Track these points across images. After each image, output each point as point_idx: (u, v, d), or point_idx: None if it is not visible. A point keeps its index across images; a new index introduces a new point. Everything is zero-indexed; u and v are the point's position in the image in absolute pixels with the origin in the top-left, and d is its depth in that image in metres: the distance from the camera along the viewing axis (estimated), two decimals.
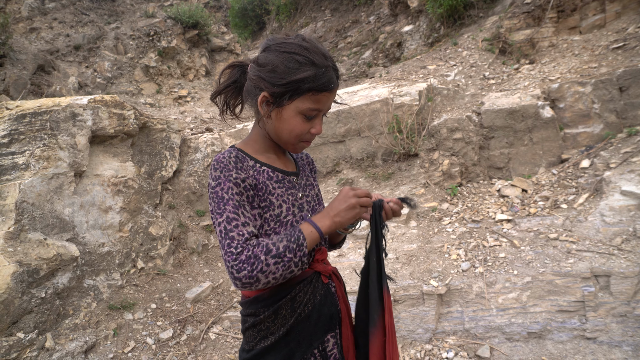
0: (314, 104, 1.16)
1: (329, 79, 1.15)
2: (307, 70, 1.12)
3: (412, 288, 3.04)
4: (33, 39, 7.07)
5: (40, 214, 3.27)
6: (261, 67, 1.18)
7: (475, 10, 6.47)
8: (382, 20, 8.94)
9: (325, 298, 1.29)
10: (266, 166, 1.25)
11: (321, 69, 1.14)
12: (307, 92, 1.14)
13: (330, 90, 1.17)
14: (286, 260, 1.07)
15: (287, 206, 1.24)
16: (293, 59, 1.13)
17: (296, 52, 1.14)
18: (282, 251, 1.07)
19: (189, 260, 4.29)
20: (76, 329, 3.18)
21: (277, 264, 1.06)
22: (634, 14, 4.81)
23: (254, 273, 1.04)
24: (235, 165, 1.17)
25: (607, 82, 4.04)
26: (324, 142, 4.92)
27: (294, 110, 1.17)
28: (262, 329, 1.23)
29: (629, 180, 3.26)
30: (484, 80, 5.06)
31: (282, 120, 1.19)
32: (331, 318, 1.30)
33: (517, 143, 4.20)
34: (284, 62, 1.14)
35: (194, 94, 7.57)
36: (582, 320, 2.73)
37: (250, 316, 1.25)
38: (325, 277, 1.31)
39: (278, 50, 1.16)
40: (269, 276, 1.05)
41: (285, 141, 1.25)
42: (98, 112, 3.82)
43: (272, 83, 1.15)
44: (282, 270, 1.07)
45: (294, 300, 1.23)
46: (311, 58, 1.13)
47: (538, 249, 3.10)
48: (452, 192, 4.08)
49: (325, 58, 1.16)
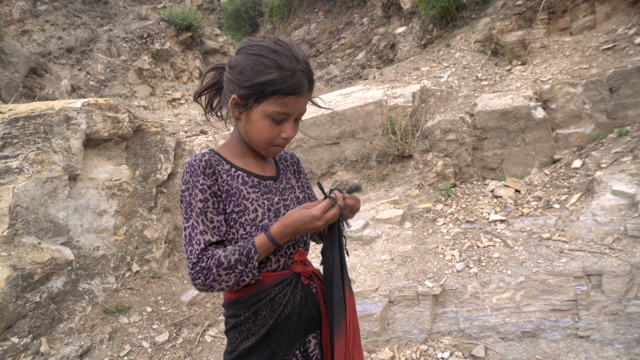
0: (281, 107, 1.16)
1: (296, 83, 1.14)
2: (272, 73, 1.13)
3: (407, 289, 3.06)
4: (25, 42, 7.03)
5: (34, 218, 3.26)
6: (231, 69, 1.20)
7: (468, 12, 6.53)
8: (375, 22, 8.98)
9: (306, 299, 1.30)
10: (242, 171, 1.26)
11: (287, 72, 1.13)
12: (273, 95, 1.14)
13: (298, 94, 1.16)
14: (237, 272, 1.14)
15: (262, 210, 1.24)
16: (259, 61, 1.14)
17: (263, 54, 1.14)
18: (233, 264, 1.14)
19: (184, 263, 4.29)
20: (71, 333, 3.16)
21: (228, 275, 1.14)
22: (623, 15, 4.88)
23: (207, 282, 1.13)
24: (204, 171, 1.20)
25: (598, 82, 4.09)
26: (319, 144, 4.94)
27: (261, 113, 1.18)
28: (243, 330, 1.25)
29: (619, 180, 3.31)
30: (476, 81, 5.10)
31: (251, 123, 1.21)
32: (312, 319, 1.31)
33: (510, 144, 4.24)
34: (250, 65, 1.15)
35: (188, 97, 7.56)
36: (575, 319, 2.77)
37: (231, 317, 1.28)
38: (305, 278, 1.32)
39: (247, 52, 1.17)
40: (222, 284, 1.14)
41: (255, 144, 1.25)
42: (92, 116, 3.81)
43: (239, 85, 1.17)
44: (234, 279, 1.15)
45: (273, 302, 1.24)
46: (277, 61, 1.13)
47: (531, 249, 3.14)
48: (446, 193, 4.11)
49: (296, 61, 1.15)
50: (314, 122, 4.88)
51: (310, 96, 1.24)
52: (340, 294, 1.27)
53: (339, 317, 1.26)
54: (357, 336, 1.30)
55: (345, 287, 1.28)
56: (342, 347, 1.25)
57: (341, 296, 1.27)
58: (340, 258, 1.30)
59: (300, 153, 5.03)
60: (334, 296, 1.26)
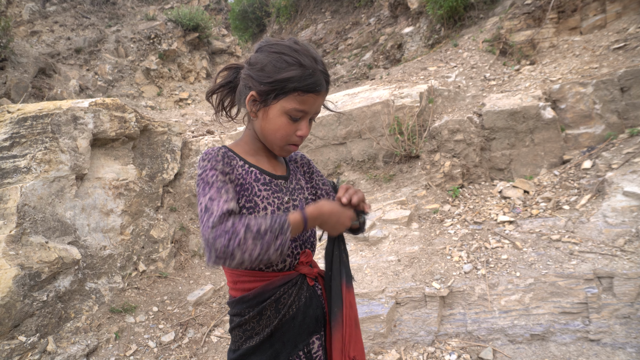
0: (300, 104, 1.18)
1: (316, 81, 1.17)
2: (294, 70, 1.15)
3: (414, 290, 3.03)
4: (34, 42, 7.09)
5: (42, 217, 3.27)
6: (251, 66, 1.22)
7: (476, 12, 6.48)
8: (382, 22, 8.95)
9: (311, 300, 1.30)
10: (254, 167, 1.26)
11: (308, 70, 1.16)
12: (293, 91, 1.16)
13: (317, 92, 1.18)
14: (265, 242, 1.04)
15: (272, 209, 1.24)
16: (281, 58, 1.16)
17: (285, 52, 1.17)
18: (262, 232, 1.04)
19: (191, 263, 4.29)
20: (78, 332, 3.17)
21: (255, 243, 1.03)
22: (634, 14, 4.81)
23: (230, 246, 1.01)
24: (222, 159, 1.20)
25: (609, 82, 4.04)
26: (325, 145, 4.92)
27: (280, 109, 1.18)
28: (247, 329, 1.25)
29: (631, 181, 3.25)
30: (484, 81, 5.06)
31: (268, 119, 1.21)
32: (317, 320, 1.31)
33: (519, 144, 4.20)
34: (272, 62, 1.17)
35: (195, 97, 7.57)
36: (586, 322, 2.72)
37: (236, 316, 1.27)
38: (311, 280, 1.33)
39: (268, 50, 1.20)
40: (245, 254, 1.02)
41: (271, 142, 1.25)
42: (99, 115, 3.82)
43: (259, 81, 1.18)
44: (259, 250, 1.03)
45: (278, 302, 1.24)
46: (299, 59, 1.16)
47: (540, 251, 3.09)
48: (453, 193, 4.08)
49: (315, 61, 1.18)
50: (320, 122, 4.87)
51: (326, 96, 1.26)
52: (338, 288, 1.28)
53: (335, 310, 1.26)
54: (355, 332, 1.29)
55: (342, 283, 1.28)
56: (338, 340, 1.26)
57: (338, 290, 1.27)
58: (340, 254, 1.30)
59: (306, 153, 5.02)
60: (332, 290, 1.28)
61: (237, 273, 1.25)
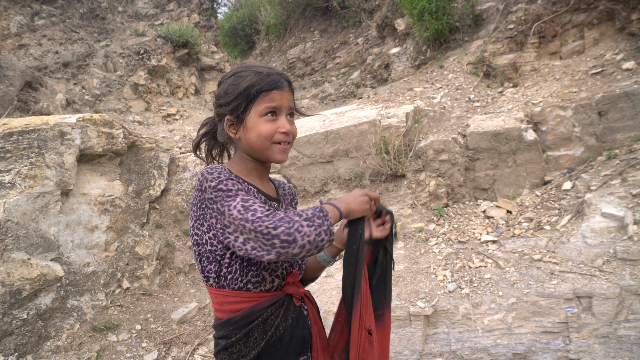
0: (269, 102, 1.25)
1: (274, 79, 1.25)
2: (250, 77, 1.24)
3: (399, 309, 3.05)
4: (21, 56, 7.06)
5: (25, 233, 3.23)
6: (217, 99, 1.31)
7: (461, 34, 6.66)
8: (370, 42, 9.13)
9: (297, 321, 1.31)
10: (252, 186, 1.29)
11: (263, 73, 1.25)
12: (258, 95, 1.24)
13: (280, 88, 1.25)
14: (316, 224, 1.08)
15: None
16: (237, 76, 1.27)
17: (238, 71, 1.28)
18: (310, 217, 1.09)
19: (176, 280, 4.25)
20: (58, 351, 3.11)
21: (310, 226, 1.07)
22: (610, 41, 5.00)
23: (292, 230, 1.04)
24: (230, 173, 1.22)
25: (587, 106, 4.18)
26: (312, 162, 4.96)
27: (254, 116, 1.25)
28: (233, 351, 1.24)
29: (609, 203, 3.35)
30: (469, 102, 5.18)
31: (248, 129, 1.26)
32: (303, 341, 1.31)
33: (502, 165, 4.30)
34: (230, 83, 1.27)
35: (183, 112, 7.58)
36: (566, 342, 2.77)
37: (222, 339, 1.27)
38: (297, 300, 1.33)
39: (224, 78, 1.30)
40: (304, 238, 1.05)
41: (259, 149, 1.27)
42: (87, 131, 3.81)
43: (227, 103, 1.27)
44: (314, 234, 1.07)
45: (265, 323, 1.24)
46: (252, 69, 1.26)
47: (522, 270, 3.15)
48: (438, 212, 4.14)
49: (268, 68, 1.27)
50: (307, 140, 4.92)
51: (293, 96, 1.32)
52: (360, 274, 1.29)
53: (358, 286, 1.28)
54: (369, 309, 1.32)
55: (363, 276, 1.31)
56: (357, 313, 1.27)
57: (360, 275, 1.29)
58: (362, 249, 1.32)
59: (294, 171, 5.05)
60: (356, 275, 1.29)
61: (223, 294, 1.25)
